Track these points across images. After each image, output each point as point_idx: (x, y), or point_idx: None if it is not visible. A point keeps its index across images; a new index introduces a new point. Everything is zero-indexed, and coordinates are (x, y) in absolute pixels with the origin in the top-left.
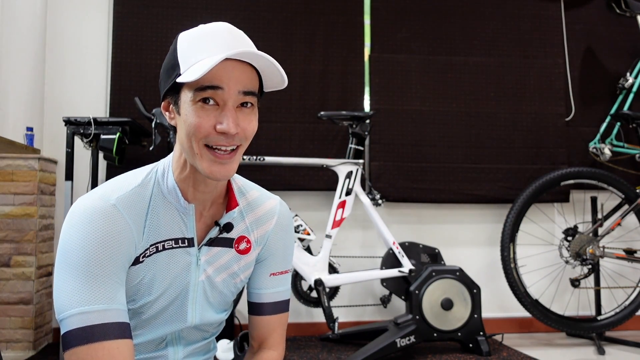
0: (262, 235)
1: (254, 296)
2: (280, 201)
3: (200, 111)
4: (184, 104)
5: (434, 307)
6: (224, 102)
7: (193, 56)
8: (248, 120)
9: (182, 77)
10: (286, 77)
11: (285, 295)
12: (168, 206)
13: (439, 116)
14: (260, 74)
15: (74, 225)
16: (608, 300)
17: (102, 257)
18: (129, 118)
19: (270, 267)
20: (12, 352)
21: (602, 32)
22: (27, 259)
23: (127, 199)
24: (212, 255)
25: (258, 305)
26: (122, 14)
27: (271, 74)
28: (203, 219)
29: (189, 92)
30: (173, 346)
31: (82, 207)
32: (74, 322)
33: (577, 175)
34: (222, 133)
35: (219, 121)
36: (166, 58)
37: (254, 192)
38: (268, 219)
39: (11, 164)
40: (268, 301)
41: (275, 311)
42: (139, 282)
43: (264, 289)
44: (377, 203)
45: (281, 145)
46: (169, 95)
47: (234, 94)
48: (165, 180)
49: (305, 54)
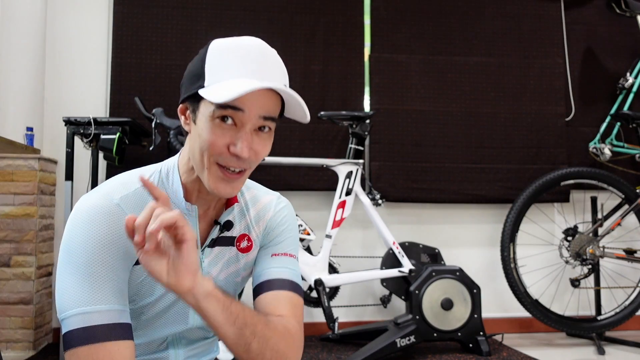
0: (262, 229)
1: (257, 278)
2: (278, 195)
3: (217, 129)
4: (202, 116)
5: (434, 307)
6: (242, 124)
7: (220, 72)
8: (263, 145)
9: (205, 93)
10: (309, 115)
11: (291, 275)
12: (171, 207)
13: (439, 116)
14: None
15: (77, 224)
16: (608, 300)
17: (105, 257)
18: (129, 118)
19: (270, 249)
20: (12, 352)
21: (602, 32)
22: (27, 259)
23: (131, 198)
24: (214, 256)
25: (260, 285)
26: (122, 14)
27: (295, 106)
28: (206, 219)
29: (209, 106)
30: (174, 347)
31: (86, 205)
32: (75, 322)
33: (577, 175)
34: (234, 155)
35: (233, 142)
36: (193, 62)
37: (254, 190)
38: (266, 211)
39: (11, 164)
40: (270, 278)
41: (281, 287)
42: (141, 282)
43: (266, 269)
44: (377, 203)
45: (281, 145)
46: (188, 101)
47: (254, 117)
48: (171, 181)
49: (305, 54)
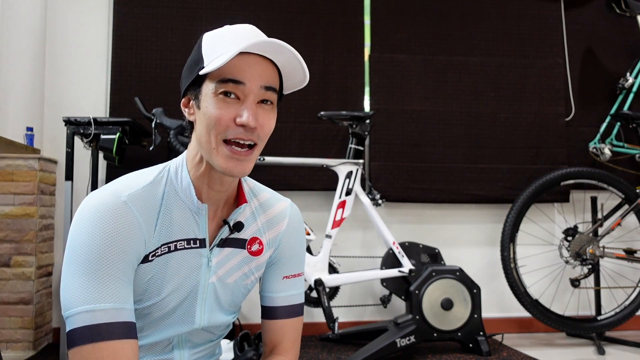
0: (274, 237)
1: (267, 300)
2: (291, 203)
3: (222, 103)
4: (205, 96)
5: (434, 307)
6: (245, 96)
7: (217, 50)
8: (267, 117)
9: (205, 68)
10: (308, 73)
11: (299, 299)
12: (181, 205)
13: (439, 116)
14: (281, 73)
15: (84, 221)
16: (608, 300)
17: (111, 255)
18: (129, 118)
19: (283, 270)
20: (12, 352)
21: (602, 32)
22: (27, 259)
23: (139, 196)
24: (223, 257)
25: (271, 309)
26: (122, 14)
27: (292, 70)
28: (216, 220)
29: (210, 84)
30: (179, 349)
31: (93, 202)
32: (79, 320)
33: (577, 175)
34: (241, 125)
35: (239, 114)
36: (189, 57)
37: (265, 194)
38: (280, 220)
39: (11, 164)
40: (281, 305)
41: (289, 315)
42: (148, 281)
43: (277, 292)
44: (377, 203)
45: (281, 145)
46: (190, 91)
47: (256, 88)
48: (179, 179)
49: (305, 54)
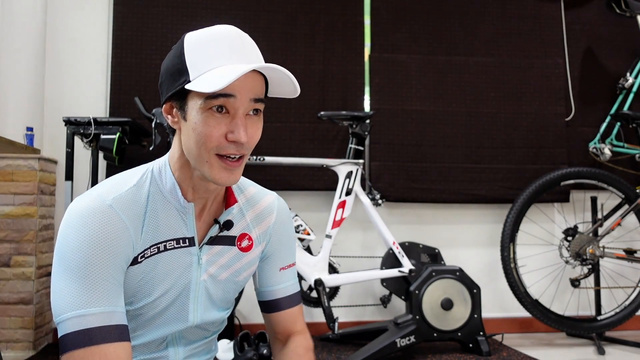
0: (263, 232)
1: (267, 294)
2: (277, 196)
3: (211, 119)
4: (192, 110)
5: (434, 307)
6: (235, 110)
7: (204, 63)
8: (256, 128)
9: (194, 86)
10: (298, 88)
11: (296, 288)
12: (167, 206)
13: (439, 116)
14: (267, 78)
15: (71, 227)
16: (608, 300)
17: (99, 259)
18: (129, 118)
19: (278, 262)
20: (12, 352)
21: (602, 32)
22: (27, 259)
23: (124, 199)
24: (213, 254)
25: (274, 302)
26: (122, 14)
27: (280, 82)
28: (203, 218)
29: (198, 100)
30: (174, 346)
31: (78, 208)
32: (71, 325)
33: (577, 175)
34: (233, 142)
35: (230, 130)
36: (169, 59)
37: (251, 189)
38: (268, 214)
39: (11, 164)
40: (283, 296)
41: (292, 304)
42: (138, 282)
43: (276, 285)
44: (377, 203)
45: (281, 145)
46: (173, 99)
47: (246, 101)
48: (164, 180)
49: (305, 54)
